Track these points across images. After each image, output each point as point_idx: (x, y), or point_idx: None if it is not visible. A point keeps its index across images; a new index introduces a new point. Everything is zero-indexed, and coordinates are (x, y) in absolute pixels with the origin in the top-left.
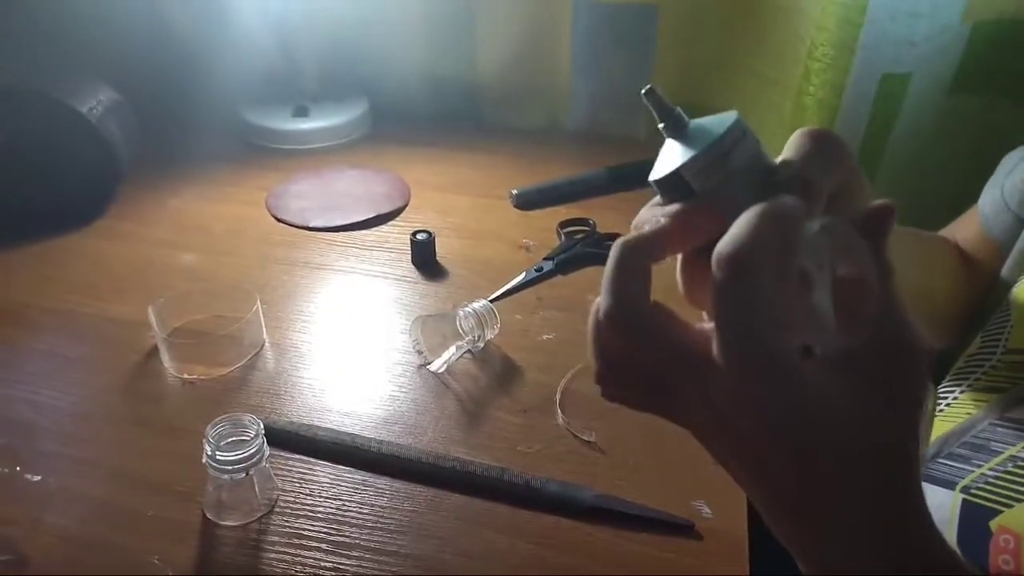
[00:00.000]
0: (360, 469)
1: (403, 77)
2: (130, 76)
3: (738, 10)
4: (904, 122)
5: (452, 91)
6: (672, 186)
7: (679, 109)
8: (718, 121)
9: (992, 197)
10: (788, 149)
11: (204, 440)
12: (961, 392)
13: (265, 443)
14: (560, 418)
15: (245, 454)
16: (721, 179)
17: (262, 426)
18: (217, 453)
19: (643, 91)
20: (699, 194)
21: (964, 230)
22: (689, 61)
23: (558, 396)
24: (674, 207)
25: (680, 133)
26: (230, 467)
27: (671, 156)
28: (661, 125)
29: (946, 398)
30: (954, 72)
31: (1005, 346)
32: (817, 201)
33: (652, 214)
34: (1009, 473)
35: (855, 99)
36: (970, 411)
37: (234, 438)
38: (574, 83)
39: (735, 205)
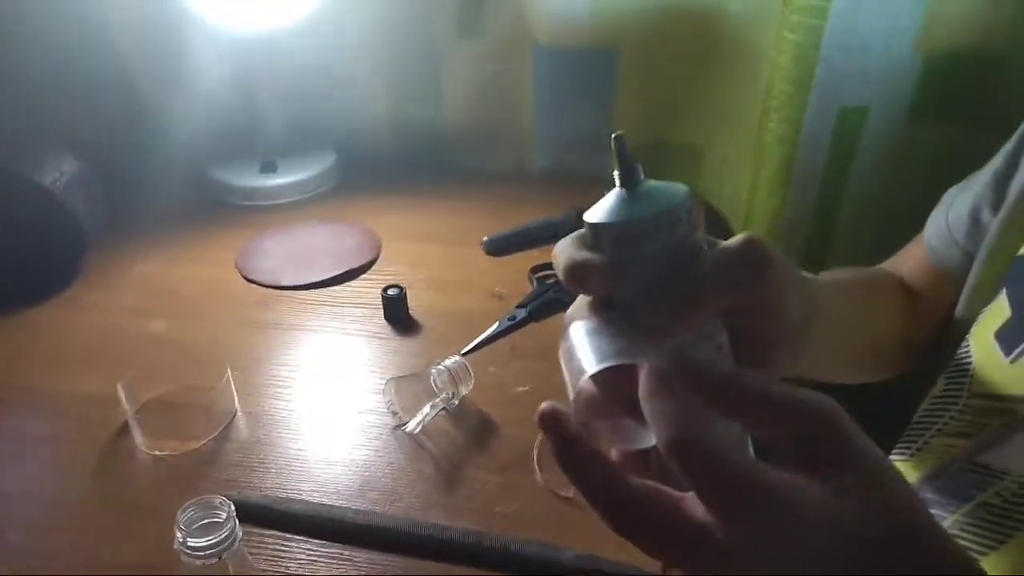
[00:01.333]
0: (337, 542)
1: (370, 126)
2: (93, 141)
3: (696, 51)
4: (864, 154)
5: (419, 137)
6: (593, 234)
7: (639, 166)
8: (665, 195)
9: (937, 229)
10: (720, 253)
11: (175, 526)
12: (931, 436)
13: (237, 525)
14: (538, 475)
15: (217, 539)
16: (632, 254)
17: (233, 508)
18: (188, 540)
19: (613, 135)
20: (607, 256)
21: (910, 262)
22: (650, 102)
23: (535, 452)
24: (579, 255)
25: (631, 189)
26: (202, 553)
27: (609, 205)
28: (616, 173)
29: (916, 441)
30: (910, 102)
31: (969, 390)
32: (709, 316)
33: (566, 252)
34: (982, 520)
35: (814, 134)
36: (940, 456)
37: (206, 520)
38: (538, 126)
39: (635, 280)
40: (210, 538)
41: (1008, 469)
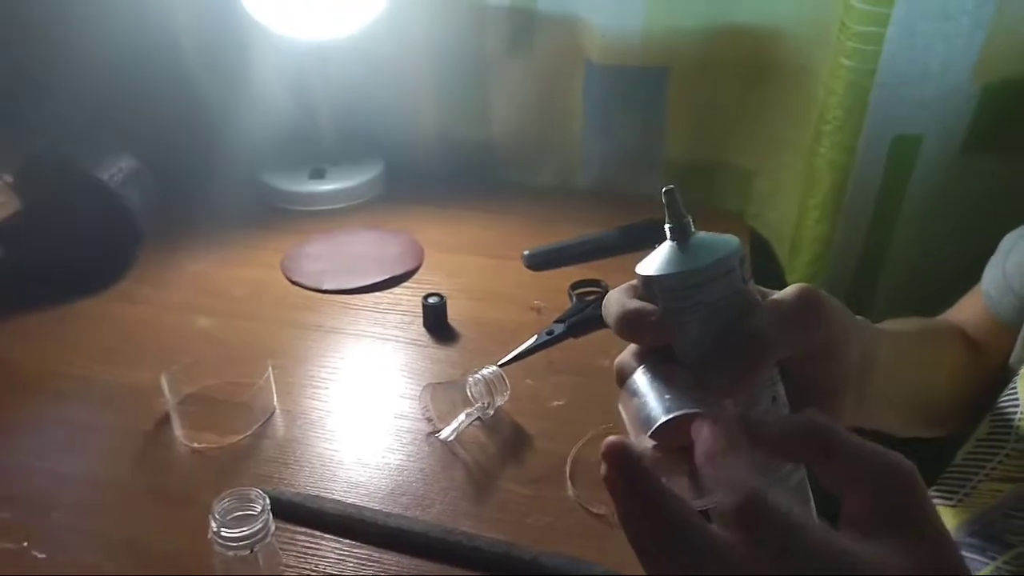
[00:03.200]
0: (366, 543)
1: (418, 138)
2: (149, 140)
3: (749, 71)
4: (917, 183)
5: (466, 151)
6: (645, 286)
7: (689, 218)
8: (719, 245)
9: (994, 278)
10: (776, 304)
11: (210, 516)
12: (979, 481)
13: (271, 519)
14: (570, 490)
15: (250, 531)
16: (686, 306)
17: (268, 502)
18: (222, 529)
19: (664, 189)
20: (662, 308)
21: (969, 311)
22: (701, 122)
23: (568, 466)
24: (632, 304)
25: (682, 241)
26: (235, 544)
27: (662, 258)
28: (668, 226)
29: (963, 486)
30: (966, 132)
31: (1017, 434)
32: (768, 368)
33: (618, 302)
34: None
35: (867, 160)
36: (987, 501)
37: (240, 512)
38: (586, 142)
39: (690, 332)
40: (243, 529)
41: None
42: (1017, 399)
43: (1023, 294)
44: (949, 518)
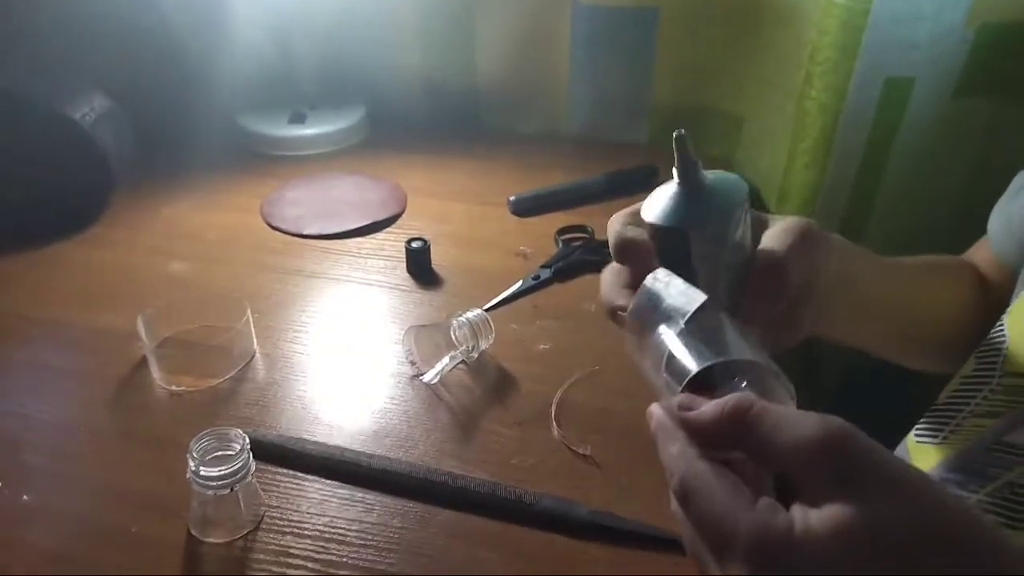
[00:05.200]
0: (349, 484)
1: (401, 83)
2: (125, 82)
3: (739, 13)
4: (908, 126)
5: (451, 96)
6: (668, 237)
7: (700, 165)
8: (729, 186)
9: (999, 220)
10: (771, 239)
11: (188, 455)
12: (964, 418)
13: (251, 458)
14: (555, 431)
15: (230, 469)
16: (714, 251)
17: (247, 440)
18: (201, 468)
19: (675, 134)
20: (693, 259)
21: (980, 252)
22: (690, 65)
23: (553, 408)
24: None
25: (694, 188)
26: (214, 483)
27: (675, 205)
28: (677, 172)
29: (947, 424)
30: (959, 76)
31: (1002, 369)
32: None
33: (612, 291)
34: (1006, 500)
35: (858, 103)
36: (969, 437)
37: (219, 453)
38: (573, 88)
39: (715, 280)
40: (222, 469)
41: None
42: (1004, 334)
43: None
44: (933, 455)
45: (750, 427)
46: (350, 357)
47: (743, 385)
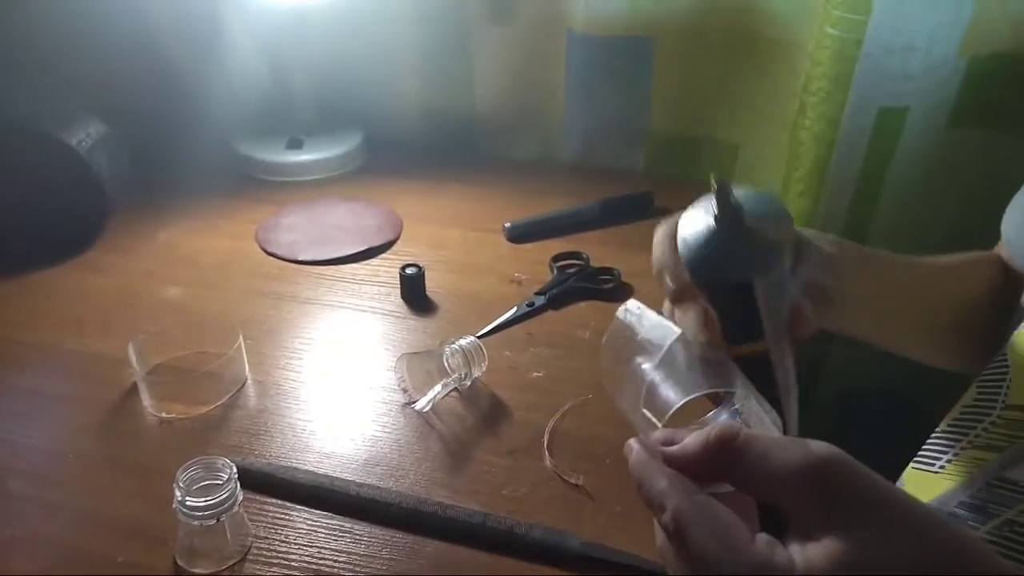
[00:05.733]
0: (338, 514)
1: (399, 109)
2: (122, 107)
3: (734, 43)
4: (902, 156)
5: (447, 123)
6: (729, 290)
7: (743, 209)
8: (772, 216)
9: (1015, 221)
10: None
11: (174, 484)
12: (961, 448)
13: (238, 487)
14: (547, 460)
15: (216, 500)
16: (774, 286)
17: (235, 470)
18: (187, 499)
19: (715, 181)
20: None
21: (1000, 251)
22: (685, 93)
23: (546, 437)
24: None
25: (737, 229)
26: (200, 513)
27: (727, 255)
28: (720, 221)
29: (945, 453)
30: (952, 106)
31: (1004, 401)
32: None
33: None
34: (1006, 538)
35: (851, 133)
36: (970, 471)
37: (207, 482)
38: (568, 115)
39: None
40: (209, 499)
41: None
42: (1007, 365)
43: None
44: (932, 488)
45: (737, 457)
46: (342, 384)
47: (724, 416)
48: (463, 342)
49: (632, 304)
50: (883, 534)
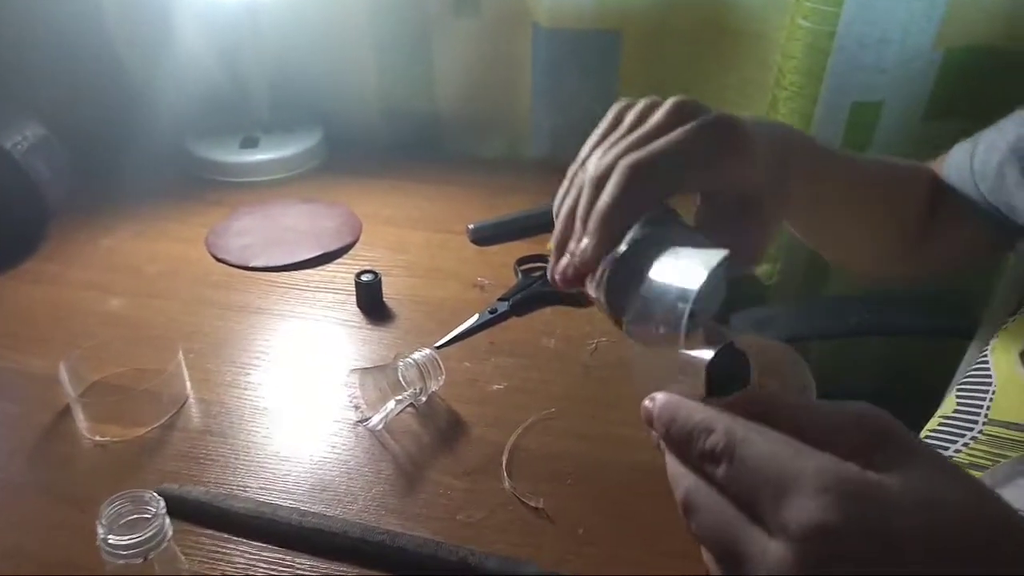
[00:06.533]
0: (280, 546)
1: (358, 105)
2: (63, 107)
3: (703, 36)
4: (877, 150)
5: (410, 120)
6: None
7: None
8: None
9: (959, 165)
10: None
11: (97, 521)
12: None
13: (166, 523)
14: (506, 482)
15: (142, 537)
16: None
17: (163, 505)
18: (110, 536)
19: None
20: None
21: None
22: (654, 88)
23: (505, 456)
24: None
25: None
26: (125, 552)
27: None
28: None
29: None
30: (927, 99)
31: (987, 416)
32: None
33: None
34: None
35: (825, 128)
36: None
37: (135, 516)
38: (535, 111)
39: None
40: (134, 536)
41: None
42: (989, 374)
43: (986, 196)
44: None
45: (773, 413)
46: (290, 402)
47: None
48: (418, 355)
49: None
50: (948, 477)
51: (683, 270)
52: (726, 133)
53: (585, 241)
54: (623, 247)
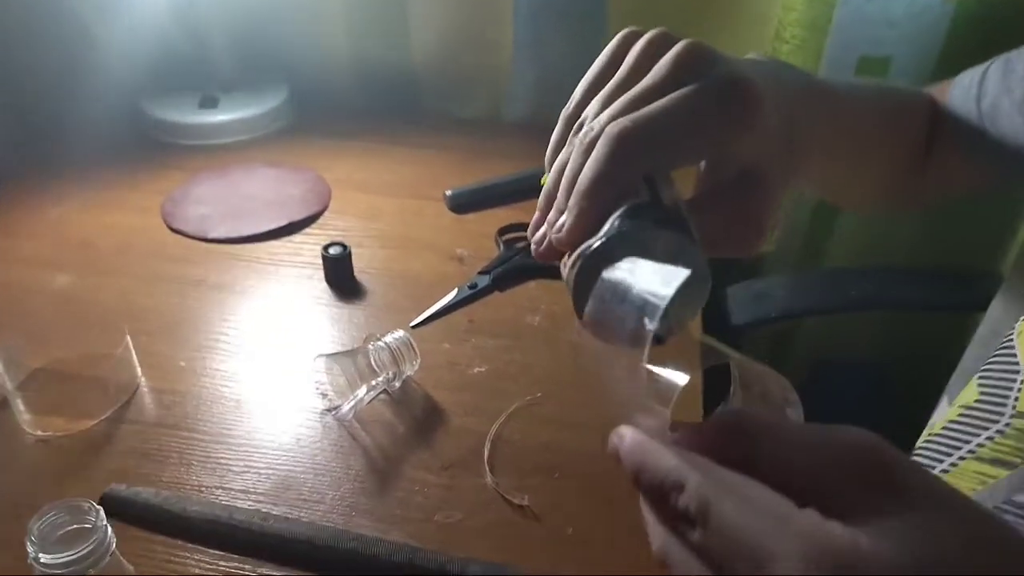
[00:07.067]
0: (239, 554)
1: (327, 62)
2: (7, 67)
3: None
4: None
5: (383, 77)
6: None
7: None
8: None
9: (964, 96)
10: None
11: (27, 537)
12: (960, 459)
13: (109, 534)
14: (488, 477)
15: (80, 554)
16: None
17: (102, 515)
18: (41, 555)
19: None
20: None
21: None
22: None
23: (487, 448)
24: None
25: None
26: (60, 570)
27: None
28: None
29: (941, 461)
30: (938, 54)
31: (1015, 408)
32: None
33: None
34: None
35: None
36: (974, 487)
37: (74, 526)
38: (517, 68)
39: None
40: (72, 553)
41: None
42: (1016, 361)
43: (991, 133)
44: None
45: (754, 439)
46: (252, 389)
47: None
48: (390, 337)
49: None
50: (944, 518)
51: (652, 282)
52: (738, 101)
53: (564, 218)
54: (596, 243)
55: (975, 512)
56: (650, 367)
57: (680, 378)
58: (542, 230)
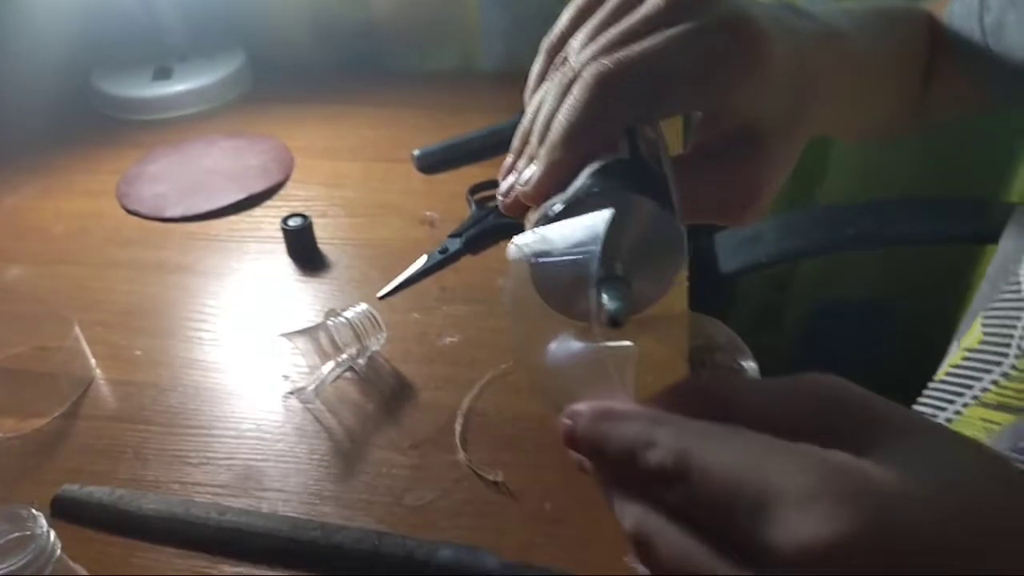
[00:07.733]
0: (197, 550)
1: (285, 22)
2: None
3: None
4: None
5: (343, 32)
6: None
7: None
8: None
9: (966, 8)
10: None
11: None
12: (964, 404)
13: (52, 541)
14: (460, 454)
15: (21, 563)
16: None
17: (44, 522)
18: None
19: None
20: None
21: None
22: None
23: (458, 423)
24: None
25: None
26: None
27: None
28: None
29: (944, 409)
30: None
31: (1020, 348)
32: None
33: None
34: None
35: None
36: (976, 434)
37: (17, 533)
38: (485, 15)
39: None
40: (12, 562)
41: None
42: (1021, 298)
43: (993, 48)
44: None
45: (727, 400)
46: (211, 375)
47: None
48: (350, 312)
49: (525, 237)
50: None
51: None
52: (740, 43)
53: (532, 168)
54: (558, 204)
55: (962, 437)
56: (606, 344)
57: (629, 349)
58: (510, 179)
